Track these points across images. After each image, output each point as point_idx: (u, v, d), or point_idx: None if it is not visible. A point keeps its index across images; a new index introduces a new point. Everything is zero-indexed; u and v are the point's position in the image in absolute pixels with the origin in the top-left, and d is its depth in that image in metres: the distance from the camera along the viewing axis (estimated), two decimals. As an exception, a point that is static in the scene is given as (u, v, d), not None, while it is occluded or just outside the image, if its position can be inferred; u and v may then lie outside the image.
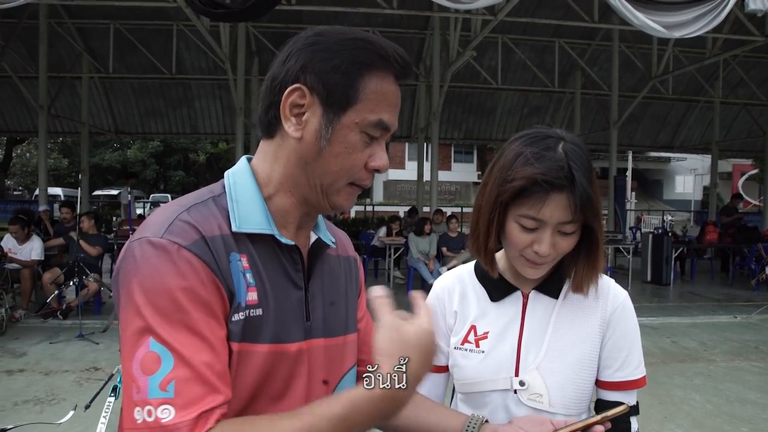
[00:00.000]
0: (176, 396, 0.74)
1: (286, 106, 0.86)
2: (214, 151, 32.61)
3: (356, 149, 0.88)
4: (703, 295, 9.81)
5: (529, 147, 1.07)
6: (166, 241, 0.80)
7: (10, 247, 7.16)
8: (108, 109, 14.70)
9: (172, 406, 0.74)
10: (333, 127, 0.86)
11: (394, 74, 0.89)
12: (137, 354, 0.76)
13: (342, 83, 0.85)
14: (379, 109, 0.87)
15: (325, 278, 1.00)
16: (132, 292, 0.78)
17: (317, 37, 0.88)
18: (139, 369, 0.76)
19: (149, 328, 0.76)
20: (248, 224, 0.87)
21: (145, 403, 0.74)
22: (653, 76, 11.91)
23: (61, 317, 7.01)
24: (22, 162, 28.95)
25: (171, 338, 0.76)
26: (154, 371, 0.75)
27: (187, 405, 0.74)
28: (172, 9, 8.99)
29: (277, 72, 0.88)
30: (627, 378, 1.16)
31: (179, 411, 0.74)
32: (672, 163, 33.54)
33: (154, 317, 0.76)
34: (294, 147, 0.88)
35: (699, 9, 6.70)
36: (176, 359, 0.75)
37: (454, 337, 1.26)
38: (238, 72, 10.64)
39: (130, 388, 0.76)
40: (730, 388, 5.03)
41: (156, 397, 0.74)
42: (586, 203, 1.03)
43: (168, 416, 0.73)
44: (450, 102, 14.30)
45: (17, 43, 11.41)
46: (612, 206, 12.70)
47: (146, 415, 0.74)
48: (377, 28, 11.99)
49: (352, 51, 0.86)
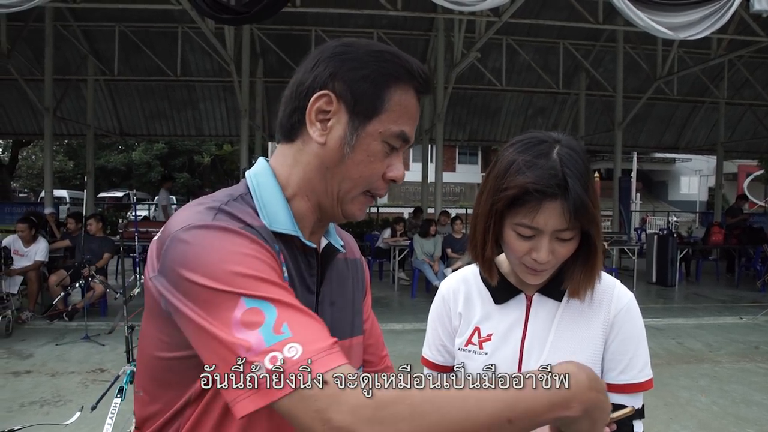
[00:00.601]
0: (296, 334, 0.69)
1: (312, 111, 0.88)
2: (218, 153, 32.66)
3: (377, 158, 0.90)
4: (709, 297, 9.77)
5: (522, 155, 1.06)
6: (219, 223, 0.79)
7: (16, 249, 7.19)
8: (113, 112, 14.76)
9: (297, 343, 0.68)
10: (357, 134, 0.88)
11: (416, 89, 0.91)
12: (232, 319, 0.70)
13: (369, 93, 0.88)
14: (402, 121, 0.90)
15: (334, 282, 1.01)
16: (195, 273, 0.74)
17: (346, 47, 0.90)
18: (241, 329, 0.69)
19: (234, 292, 0.72)
20: (277, 224, 0.88)
21: (264, 352, 0.67)
22: (658, 77, 11.88)
23: (66, 319, 7.05)
24: (27, 164, 29.10)
25: (263, 291, 0.72)
26: (262, 322, 0.69)
27: (312, 339, 0.69)
28: (177, 11, 9.04)
29: (304, 78, 0.90)
30: (631, 381, 1.15)
31: (307, 345, 0.68)
32: (677, 164, 33.45)
33: (234, 280, 0.72)
34: (316, 152, 0.90)
35: (704, 10, 6.68)
36: (278, 306, 0.71)
37: (459, 338, 1.27)
38: (243, 74, 10.67)
39: (238, 351, 0.69)
40: (736, 390, 5.01)
41: (275, 342, 0.68)
42: (580, 210, 1.02)
43: (296, 353, 0.67)
44: (454, 103, 14.31)
45: (23, 46, 11.48)
46: (617, 207, 12.68)
47: (269, 363, 0.67)
48: (381, 30, 12.03)
49: (380, 63, 0.88)
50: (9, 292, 6.68)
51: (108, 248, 7.73)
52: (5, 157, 22.86)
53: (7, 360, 5.61)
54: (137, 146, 30.34)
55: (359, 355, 1.06)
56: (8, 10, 6.30)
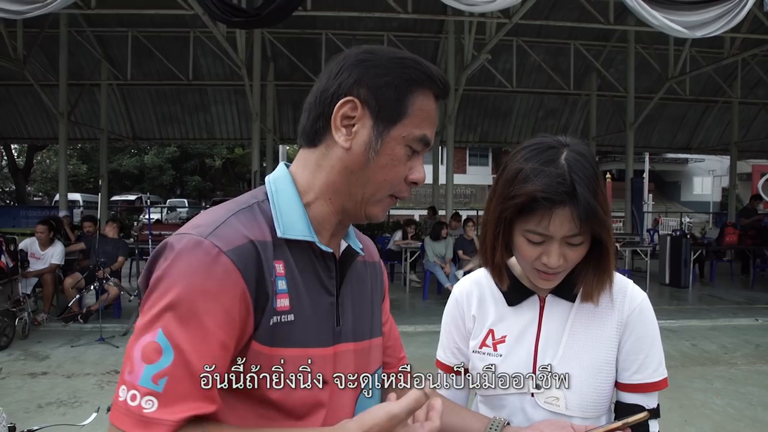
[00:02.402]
0: (164, 392, 0.76)
1: (338, 117, 0.90)
2: (230, 156, 32.83)
3: (400, 162, 0.92)
4: (723, 298, 9.68)
5: (529, 162, 1.07)
6: (209, 243, 0.82)
7: (33, 252, 7.28)
8: (126, 116, 14.91)
9: (157, 399, 0.75)
10: (382, 139, 0.90)
11: (436, 94, 0.94)
12: (143, 339, 0.78)
13: (393, 98, 0.90)
14: (423, 125, 0.93)
15: (354, 284, 1.03)
16: (160, 280, 0.80)
17: (368, 55, 0.92)
18: (139, 354, 0.77)
19: (162, 319, 0.78)
20: (292, 231, 0.90)
21: (133, 386, 0.76)
22: (670, 77, 11.81)
23: (81, 321, 7.13)
24: (42, 168, 29.41)
25: (179, 336, 0.77)
26: (153, 362, 0.76)
27: (172, 404, 0.76)
28: (189, 16, 9.10)
29: (328, 85, 0.92)
30: (646, 380, 1.16)
31: (162, 407, 0.75)
32: (690, 164, 33.14)
33: (170, 311, 0.78)
34: (340, 156, 0.92)
35: (718, 8, 6.63)
36: (176, 357, 0.77)
37: (473, 340, 1.28)
38: (254, 77, 10.73)
39: (125, 365, 0.78)
40: (753, 392, 4.96)
41: (145, 386, 0.76)
42: (590, 216, 1.03)
43: (150, 407, 0.75)
44: (465, 105, 14.31)
45: (39, 52, 11.65)
46: (629, 209, 12.60)
47: (129, 399, 0.76)
48: (392, 33, 12.05)
49: (403, 69, 0.91)
50: (25, 294, 6.77)
51: (123, 251, 7.81)
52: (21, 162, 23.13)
53: (24, 361, 5.69)
54: (149, 150, 30.58)
55: (378, 357, 1.08)
56: (24, 15, 6.40)
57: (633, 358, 1.16)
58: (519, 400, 1.18)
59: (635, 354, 1.16)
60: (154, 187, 32.36)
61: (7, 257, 6.66)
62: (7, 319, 6.22)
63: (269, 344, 0.86)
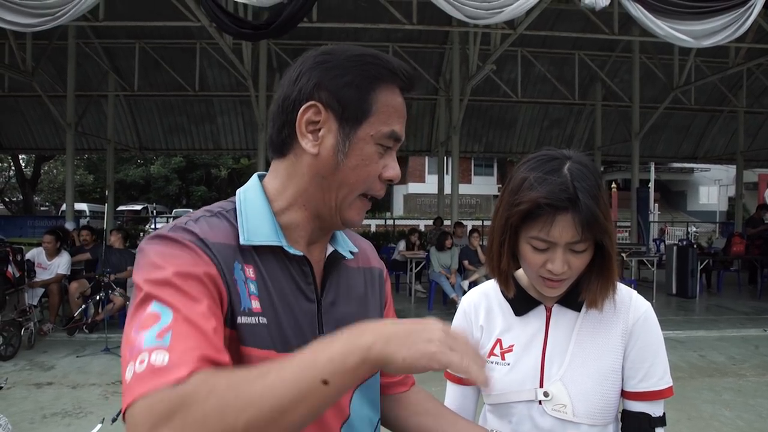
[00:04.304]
0: (172, 344, 0.70)
1: (302, 124, 0.89)
2: (235, 166, 33.00)
3: (372, 160, 0.91)
4: (731, 308, 9.61)
5: (533, 171, 1.11)
6: (181, 233, 0.83)
7: (39, 262, 7.31)
8: (132, 126, 15.02)
9: (167, 352, 0.69)
10: (350, 140, 0.89)
11: (400, 87, 0.93)
12: (140, 317, 0.73)
13: (356, 98, 0.88)
14: (391, 121, 0.91)
15: (342, 290, 1.00)
16: (139, 275, 0.79)
17: (326, 56, 0.91)
18: (137, 328, 0.72)
19: (151, 295, 0.75)
20: (256, 237, 0.89)
21: (139, 353, 0.69)
22: (675, 86, 11.81)
23: (87, 331, 7.13)
24: (49, 178, 29.58)
25: (172, 299, 0.75)
26: (153, 325, 0.72)
27: (183, 352, 0.70)
28: (195, 28, 9.19)
29: (288, 92, 0.91)
30: (651, 388, 1.18)
31: (174, 356, 0.69)
32: (695, 173, 33.07)
33: (155, 287, 0.76)
34: (310, 163, 0.91)
35: (723, 17, 6.63)
36: (175, 315, 0.73)
37: (481, 350, 1.29)
38: (260, 88, 10.80)
39: (125, 349, 0.72)
40: (762, 404, 4.91)
41: (150, 345, 0.70)
42: (591, 222, 1.06)
43: (162, 359, 0.68)
44: (470, 115, 14.32)
45: (47, 64, 11.76)
46: (635, 218, 12.55)
47: (137, 365, 0.68)
48: (397, 44, 12.11)
49: (362, 67, 0.89)
50: (31, 304, 6.79)
51: (130, 262, 7.82)
52: (28, 172, 23.27)
53: (30, 371, 5.70)
54: (156, 160, 30.74)
55: None
56: (34, 29, 6.48)
57: (638, 366, 1.18)
58: (527, 408, 1.20)
59: (640, 362, 1.19)
60: (160, 197, 32.51)
61: (13, 267, 6.69)
62: (13, 329, 6.24)
63: (244, 344, 0.84)
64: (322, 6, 8.14)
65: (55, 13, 6.27)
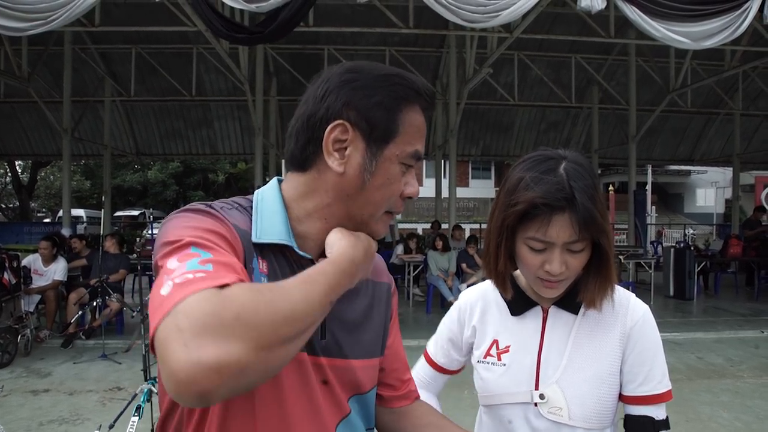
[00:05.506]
0: (214, 272, 0.69)
1: (329, 142, 0.89)
2: (233, 171, 32.98)
3: (396, 179, 0.92)
4: (728, 310, 9.62)
5: (529, 171, 1.11)
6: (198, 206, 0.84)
7: (36, 268, 7.29)
8: (129, 132, 15.00)
9: (209, 273, 0.68)
10: (377, 160, 0.90)
11: (423, 107, 0.94)
12: (175, 255, 0.73)
13: (384, 118, 0.89)
14: (415, 141, 0.93)
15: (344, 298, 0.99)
16: (173, 234, 0.77)
17: (353, 74, 0.91)
18: (175, 261, 0.71)
19: (187, 242, 0.74)
20: (268, 235, 0.89)
21: (182, 273, 0.68)
22: (671, 89, 11.85)
23: (84, 338, 7.10)
24: (46, 184, 29.51)
25: (210, 244, 0.75)
26: (194, 257, 0.71)
27: (226, 274, 0.69)
28: (192, 33, 9.19)
29: (315, 109, 0.90)
30: (651, 392, 1.17)
31: (216, 273, 0.69)
32: (692, 176, 33.12)
33: (190, 236, 0.75)
34: (335, 181, 0.91)
35: (720, 20, 6.65)
36: (215, 255, 0.73)
37: (477, 350, 1.30)
38: (257, 93, 10.81)
39: (162, 279, 0.69)
40: (760, 405, 4.91)
41: (193, 268, 0.69)
42: (588, 221, 1.05)
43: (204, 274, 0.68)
44: (467, 119, 14.35)
45: (43, 69, 11.74)
46: (632, 221, 12.56)
47: (177, 279, 0.67)
48: (393, 47, 12.13)
49: (390, 87, 0.90)
50: (27, 311, 6.76)
51: (124, 265, 7.79)
52: (24, 178, 23.22)
53: (26, 378, 5.67)
54: (153, 165, 30.70)
55: (373, 377, 1.04)
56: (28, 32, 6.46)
57: (637, 370, 1.17)
58: (523, 410, 1.19)
59: (639, 366, 1.17)
60: (158, 203, 32.42)
61: (10, 274, 6.68)
62: (9, 335, 6.21)
63: None
64: (319, 10, 8.15)
65: (47, 18, 6.23)
